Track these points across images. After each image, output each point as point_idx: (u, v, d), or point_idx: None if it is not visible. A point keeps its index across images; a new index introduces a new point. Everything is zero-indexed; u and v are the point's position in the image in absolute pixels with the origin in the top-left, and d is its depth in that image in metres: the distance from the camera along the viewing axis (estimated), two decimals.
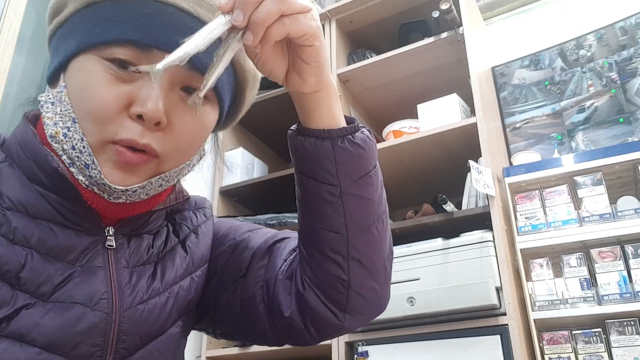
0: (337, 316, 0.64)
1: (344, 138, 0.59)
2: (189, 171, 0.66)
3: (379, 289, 0.66)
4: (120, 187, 0.57)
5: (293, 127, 0.62)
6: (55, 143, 0.57)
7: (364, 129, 0.62)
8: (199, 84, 0.58)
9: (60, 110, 0.57)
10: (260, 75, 0.70)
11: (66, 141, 0.56)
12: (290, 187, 0.68)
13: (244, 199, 2.38)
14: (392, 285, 1.78)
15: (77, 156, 0.56)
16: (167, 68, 0.48)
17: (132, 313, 0.60)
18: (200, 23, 0.58)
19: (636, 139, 2.09)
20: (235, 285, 0.70)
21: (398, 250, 1.78)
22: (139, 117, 0.55)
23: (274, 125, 2.42)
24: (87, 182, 0.57)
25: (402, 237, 1.87)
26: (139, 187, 0.58)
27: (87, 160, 0.56)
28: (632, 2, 2.38)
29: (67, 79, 0.59)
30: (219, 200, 2.32)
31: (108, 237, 0.62)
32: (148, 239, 0.67)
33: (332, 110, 0.60)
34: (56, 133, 0.57)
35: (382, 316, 1.70)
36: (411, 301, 1.66)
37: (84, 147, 0.56)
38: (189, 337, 0.73)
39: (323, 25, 2.31)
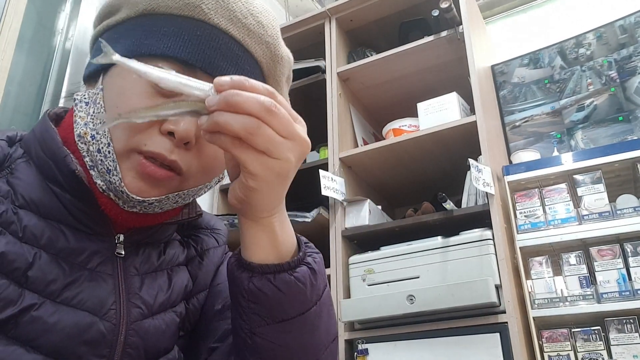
0: None
1: (263, 276, 0.52)
2: (205, 192, 0.65)
3: None
4: (138, 198, 0.56)
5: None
6: (82, 143, 0.57)
7: (297, 271, 0.53)
8: None
9: (93, 112, 0.58)
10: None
11: (93, 143, 0.56)
12: (291, 185, 0.67)
13: None
14: (392, 284, 1.79)
15: (101, 160, 0.56)
16: (120, 64, 0.48)
17: (139, 326, 0.59)
18: (247, 53, 0.60)
19: (635, 138, 2.09)
20: (207, 352, 0.67)
21: (398, 248, 1.78)
22: (170, 134, 0.55)
23: None
24: (104, 187, 0.57)
25: (402, 235, 1.88)
26: (156, 200, 0.58)
27: (110, 165, 0.56)
28: (631, 0, 2.38)
29: (106, 82, 0.59)
30: (219, 198, 2.32)
31: (118, 245, 0.61)
32: (158, 247, 0.67)
33: (258, 245, 0.54)
34: (85, 133, 0.57)
35: (382, 314, 1.72)
36: (411, 299, 1.66)
37: (109, 152, 0.56)
38: None
39: (323, 24, 2.32)
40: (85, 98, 0.59)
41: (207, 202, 2.33)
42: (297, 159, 0.49)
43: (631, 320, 1.57)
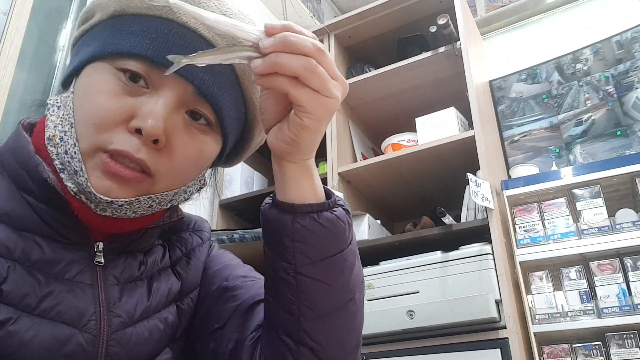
0: None
1: (307, 215, 0.55)
2: (185, 198, 0.64)
3: None
4: (105, 198, 0.55)
5: (271, 195, 0.60)
6: (51, 146, 0.57)
7: (335, 209, 0.56)
8: (206, 112, 0.59)
9: (63, 114, 0.57)
10: None
11: (61, 145, 0.56)
12: None
13: (244, 212, 2.38)
14: (391, 299, 1.78)
15: (68, 161, 0.56)
16: (176, 8, 0.50)
17: (120, 336, 0.58)
18: None
19: (633, 152, 2.10)
20: (211, 336, 0.67)
21: (397, 263, 1.78)
22: (137, 132, 0.55)
23: None
24: (75, 190, 0.56)
25: (401, 250, 1.87)
26: (125, 202, 0.56)
27: (77, 166, 0.55)
28: (628, 16, 2.41)
29: (77, 84, 0.59)
30: (218, 213, 2.32)
31: (97, 253, 0.60)
32: (139, 256, 0.66)
33: (301, 186, 0.56)
34: (54, 136, 0.57)
35: (382, 329, 1.70)
36: (411, 314, 1.66)
37: (75, 152, 0.55)
38: None
39: (322, 40, 2.34)
40: (57, 102, 0.59)
41: (205, 217, 2.33)
42: (342, 97, 0.53)
43: (632, 335, 1.56)
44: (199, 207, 2.31)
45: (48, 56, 1.80)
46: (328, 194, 0.59)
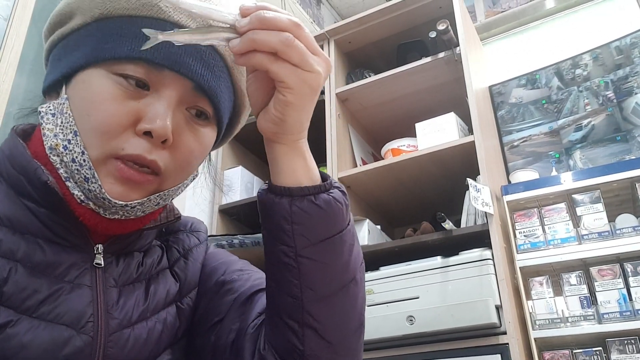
0: None
1: (304, 198, 0.55)
2: (182, 190, 0.66)
3: None
4: (120, 202, 0.56)
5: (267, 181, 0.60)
6: (55, 155, 0.57)
7: (332, 191, 0.57)
8: (205, 106, 0.60)
9: (61, 122, 0.57)
10: None
11: (66, 154, 0.56)
12: None
13: (244, 217, 2.38)
14: (391, 304, 1.77)
15: (77, 169, 0.56)
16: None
17: (118, 337, 0.58)
18: (210, 47, 0.60)
19: (633, 157, 2.10)
20: (211, 330, 0.68)
21: (397, 268, 1.78)
22: (146, 134, 0.56)
23: None
24: (82, 197, 0.56)
25: (401, 255, 1.87)
26: (138, 203, 0.58)
27: (87, 173, 0.55)
28: (627, 21, 2.41)
29: (71, 91, 0.58)
30: (218, 218, 2.32)
31: (97, 255, 0.61)
32: (138, 256, 0.66)
33: (294, 169, 0.57)
34: (56, 145, 0.56)
35: (382, 335, 1.70)
36: (411, 320, 1.65)
37: (84, 160, 0.55)
38: None
39: (322, 46, 2.35)
40: (51, 109, 0.58)
41: (205, 222, 2.32)
42: (325, 73, 0.53)
43: (632, 341, 1.56)
44: (199, 212, 2.31)
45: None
46: (324, 177, 0.59)
